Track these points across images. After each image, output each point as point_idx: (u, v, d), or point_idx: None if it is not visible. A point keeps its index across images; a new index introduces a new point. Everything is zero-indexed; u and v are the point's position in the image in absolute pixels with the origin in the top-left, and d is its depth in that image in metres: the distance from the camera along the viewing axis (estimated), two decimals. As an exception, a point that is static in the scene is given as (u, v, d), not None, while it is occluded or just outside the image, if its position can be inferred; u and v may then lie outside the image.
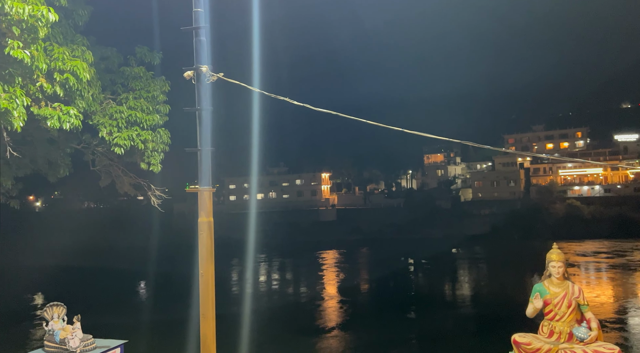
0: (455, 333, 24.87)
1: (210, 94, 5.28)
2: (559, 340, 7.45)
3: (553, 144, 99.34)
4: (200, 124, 5.26)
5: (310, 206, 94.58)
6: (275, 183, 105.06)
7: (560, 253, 7.98)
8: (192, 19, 5.12)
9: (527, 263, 42.56)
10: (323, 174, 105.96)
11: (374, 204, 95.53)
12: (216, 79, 5.36)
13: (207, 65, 5.27)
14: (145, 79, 10.66)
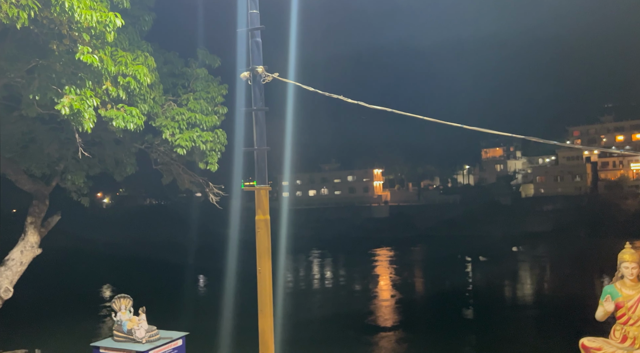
0: (516, 336, 23.90)
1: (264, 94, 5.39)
2: (633, 346, 7.03)
3: (624, 136, 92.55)
4: (256, 123, 5.38)
5: (362, 202, 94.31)
6: (327, 180, 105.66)
7: (634, 253, 7.50)
8: (247, 21, 5.24)
9: (595, 263, 40.14)
10: (375, 171, 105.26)
11: (429, 201, 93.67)
12: (271, 79, 5.46)
13: (262, 65, 5.38)
14: (205, 81, 11.06)
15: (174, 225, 75.60)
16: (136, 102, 8.86)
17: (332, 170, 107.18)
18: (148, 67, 8.67)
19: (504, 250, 55.93)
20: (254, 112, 5.37)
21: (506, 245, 57.95)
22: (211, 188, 12.20)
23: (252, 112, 5.28)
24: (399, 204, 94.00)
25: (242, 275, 28.35)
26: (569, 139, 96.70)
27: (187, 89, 10.99)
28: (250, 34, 5.26)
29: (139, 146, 11.69)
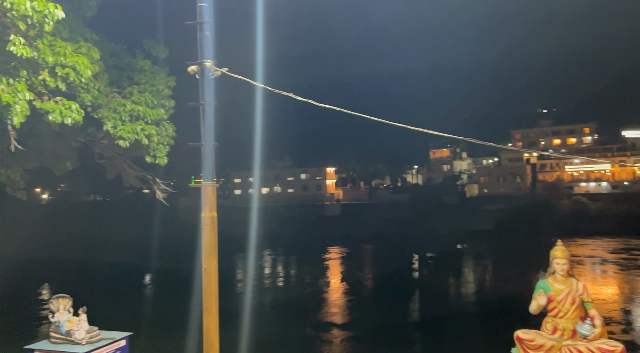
0: (459, 330, 24.90)
1: (213, 89, 5.30)
2: (562, 337, 7.45)
3: (560, 140, 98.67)
4: (203, 119, 5.29)
5: (315, 200, 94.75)
6: (280, 177, 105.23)
7: (565, 250, 7.95)
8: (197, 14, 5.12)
9: (533, 260, 42.43)
10: (328, 169, 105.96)
11: (379, 199, 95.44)
12: (220, 74, 5.38)
13: (212, 60, 5.28)
14: (150, 73, 10.70)
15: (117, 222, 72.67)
16: (77, 94, 8.43)
17: (285, 168, 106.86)
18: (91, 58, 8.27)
19: (450, 247, 57.97)
20: (202, 106, 5.27)
21: (452, 242, 60.08)
22: (158, 183, 11.84)
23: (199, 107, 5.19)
24: (351, 203, 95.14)
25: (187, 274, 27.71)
26: (511, 141, 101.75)
27: (133, 81, 10.60)
28: (199, 28, 5.16)
29: (82, 139, 11.15)
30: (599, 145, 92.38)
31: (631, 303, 30.40)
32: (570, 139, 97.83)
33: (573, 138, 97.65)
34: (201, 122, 5.28)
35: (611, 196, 77.07)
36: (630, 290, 34.88)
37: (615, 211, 70.57)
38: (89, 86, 8.46)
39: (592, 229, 65.26)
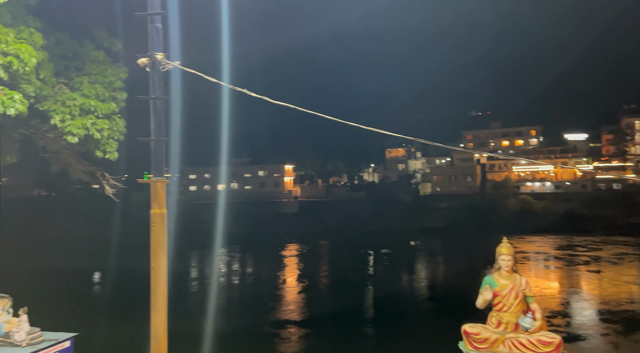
0: (411, 324, 25.54)
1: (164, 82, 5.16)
2: (506, 330, 7.79)
3: (509, 142, 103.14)
4: (154, 112, 5.14)
5: (272, 197, 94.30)
6: (237, 174, 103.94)
7: (510, 247, 8.32)
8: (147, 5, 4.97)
9: (482, 256, 44.16)
10: (286, 166, 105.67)
11: (337, 197, 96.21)
12: (172, 67, 5.25)
13: (162, 52, 5.14)
14: (103, 64, 10.26)
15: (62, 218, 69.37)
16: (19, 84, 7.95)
17: (243, 164, 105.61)
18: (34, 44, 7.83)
19: (404, 244, 59.30)
20: (152, 100, 5.12)
21: (406, 239, 61.46)
22: (108, 178, 11.39)
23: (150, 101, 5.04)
24: (309, 200, 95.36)
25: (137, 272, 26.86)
26: (463, 142, 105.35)
27: (82, 72, 10.12)
28: (150, 19, 5.00)
29: (24, 132, 10.56)
30: (544, 147, 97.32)
31: (570, 297, 32.28)
32: (518, 140, 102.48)
33: (520, 140, 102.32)
34: (151, 117, 5.13)
35: (554, 196, 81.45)
36: (570, 284, 37.03)
37: (558, 210, 74.64)
38: (29, 76, 7.99)
39: (537, 227, 68.64)
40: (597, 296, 32.30)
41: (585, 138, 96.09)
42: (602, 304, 29.73)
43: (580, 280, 38.69)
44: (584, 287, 36.10)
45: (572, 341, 22.81)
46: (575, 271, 41.49)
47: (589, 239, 59.72)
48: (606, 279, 38.03)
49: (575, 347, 21.87)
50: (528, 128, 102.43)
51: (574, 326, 25.67)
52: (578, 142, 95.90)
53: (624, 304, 29.76)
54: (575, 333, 24.27)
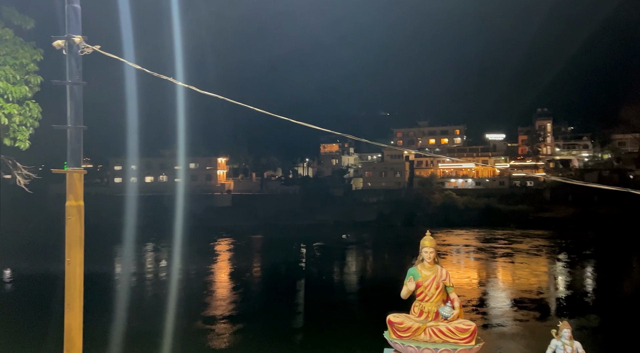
0: (341, 315, 26.12)
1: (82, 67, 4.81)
2: (427, 319, 8.20)
3: (435, 140, 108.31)
4: (71, 99, 4.77)
5: (204, 191, 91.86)
6: (167, 166, 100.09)
7: (432, 239, 8.74)
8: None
9: (408, 249, 46.13)
10: (219, 159, 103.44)
11: (271, 191, 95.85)
12: (92, 51, 4.91)
13: (81, 35, 4.78)
14: (12, 44, 9.36)
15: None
16: None
17: (173, 156, 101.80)
18: None
19: (335, 237, 60.41)
20: (69, 86, 4.76)
21: (337, 232, 62.65)
22: (19, 169, 10.47)
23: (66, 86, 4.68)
24: (242, 194, 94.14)
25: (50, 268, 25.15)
26: (393, 139, 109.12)
27: (-13, 51, 9.19)
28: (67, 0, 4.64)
29: None
30: (467, 146, 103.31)
31: (487, 287, 34.65)
32: (444, 139, 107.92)
33: (446, 138, 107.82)
34: (68, 103, 4.77)
35: (475, 192, 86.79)
36: (487, 275, 39.71)
37: (478, 204, 79.67)
38: None
39: (459, 221, 72.84)
40: (515, 285, 34.94)
41: (503, 138, 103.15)
42: (520, 292, 32.22)
43: (499, 270, 41.64)
44: (502, 277, 38.89)
45: (491, 327, 24.52)
46: (490, 264, 44.57)
47: (506, 232, 64.37)
48: (522, 269, 41.23)
49: (494, 332, 23.52)
50: (453, 127, 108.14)
51: (493, 313, 27.59)
52: (497, 142, 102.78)
53: (540, 292, 32.47)
54: (495, 320, 26.10)
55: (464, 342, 7.66)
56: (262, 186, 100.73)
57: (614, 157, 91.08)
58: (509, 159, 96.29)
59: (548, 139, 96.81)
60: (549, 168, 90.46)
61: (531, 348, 20.62)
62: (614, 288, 34.17)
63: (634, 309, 27.57)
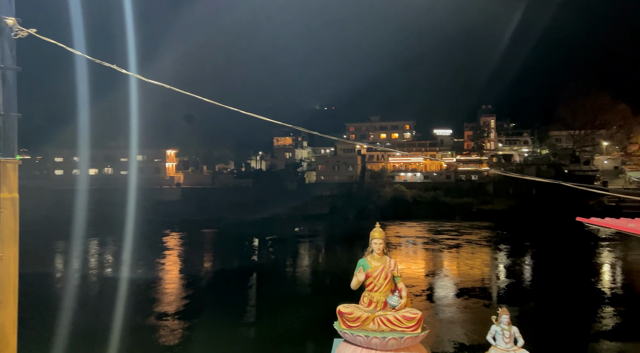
0: (291, 310, 26.21)
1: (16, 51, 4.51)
2: (376, 309, 8.41)
3: (386, 134, 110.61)
4: (3, 85, 4.47)
5: (152, 184, 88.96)
6: (112, 158, 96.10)
7: (382, 231, 8.96)
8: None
9: (360, 241, 46.87)
10: (168, 151, 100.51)
11: (223, 184, 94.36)
12: (27, 34, 4.61)
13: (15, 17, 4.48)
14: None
15: None
16: None
17: (118, 148, 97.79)
18: None
19: (288, 230, 60.46)
20: (1, 71, 4.45)
21: (290, 226, 62.71)
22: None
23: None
24: (193, 187, 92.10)
25: None
26: (346, 133, 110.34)
27: None
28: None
29: None
30: (416, 140, 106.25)
31: (434, 276, 35.94)
32: (394, 134, 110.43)
33: (396, 133, 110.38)
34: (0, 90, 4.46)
35: (423, 185, 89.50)
36: (434, 265, 41.16)
37: (426, 197, 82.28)
38: None
39: (408, 213, 74.95)
40: (460, 275, 36.42)
41: (450, 133, 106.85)
42: (465, 281, 33.62)
43: (446, 260, 43.26)
44: (449, 267, 40.42)
45: (438, 315, 25.49)
46: (437, 254, 46.25)
47: (452, 224, 66.91)
48: (467, 259, 43.05)
49: (441, 320, 24.46)
50: (403, 123, 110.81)
51: (440, 301, 28.67)
52: (445, 137, 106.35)
53: (483, 281, 34.05)
54: (442, 308, 27.14)
55: (411, 330, 7.93)
56: (214, 179, 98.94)
57: (550, 152, 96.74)
58: (455, 153, 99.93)
59: (492, 135, 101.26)
60: (492, 162, 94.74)
61: (474, 333, 21.65)
62: (549, 276, 36.46)
63: (566, 295, 29.58)
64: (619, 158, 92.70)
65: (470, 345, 20.27)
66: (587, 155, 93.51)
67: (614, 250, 46.98)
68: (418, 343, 8.25)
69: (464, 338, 21.61)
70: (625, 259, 42.68)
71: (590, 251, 46.25)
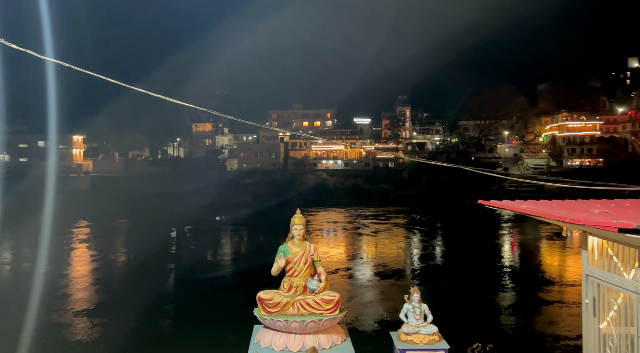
0: (211, 300, 25.85)
1: None
2: (296, 293, 8.61)
3: (308, 122, 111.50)
4: None
5: (58, 172, 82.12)
6: (9, 144, 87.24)
7: (302, 217, 9.15)
8: None
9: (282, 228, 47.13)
10: (75, 137, 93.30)
11: (137, 172, 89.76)
12: None
13: None
14: None
15: None
16: None
17: (17, 133, 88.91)
18: None
19: (209, 219, 59.15)
20: None
21: (211, 215, 61.38)
22: None
23: None
24: (104, 175, 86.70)
25: None
26: (269, 121, 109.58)
27: None
28: None
29: None
30: (337, 129, 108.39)
31: (353, 259, 37.25)
32: (316, 122, 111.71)
33: (318, 121, 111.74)
34: None
35: (344, 172, 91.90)
36: (353, 249, 42.64)
37: (347, 184, 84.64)
38: None
39: (330, 200, 76.65)
40: (378, 258, 38.06)
41: (369, 122, 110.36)
42: (382, 263, 35.20)
43: (365, 244, 44.96)
44: (367, 250, 42.06)
45: (358, 296, 26.50)
46: (357, 238, 47.97)
47: (370, 210, 69.55)
48: (384, 243, 45.07)
49: (359, 301, 25.46)
50: (325, 111, 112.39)
51: (360, 284, 29.80)
52: (364, 125, 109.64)
53: (399, 262, 35.84)
54: (361, 289, 28.25)
55: (329, 312, 8.24)
56: (127, 166, 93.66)
57: (459, 141, 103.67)
58: (374, 141, 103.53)
59: (407, 124, 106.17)
60: (407, 150, 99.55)
61: (389, 312, 22.87)
62: (457, 256, 39.39)
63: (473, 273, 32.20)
64: (518, 146, 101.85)
65: (386, 322, 21.41)
66: (491, 143, 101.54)
67: (512, 230, 51.87)
68: (336, 325, 8.60)
69: (379, 316, 22.76)
70: (523, 238, 47.31)
71: (494, 232, 50.65)
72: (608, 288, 6.73)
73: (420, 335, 8.44)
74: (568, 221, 5.90)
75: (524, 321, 22.47)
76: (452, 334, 9.43)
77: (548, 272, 32.50)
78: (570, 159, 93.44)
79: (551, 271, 33.10)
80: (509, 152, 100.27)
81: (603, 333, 6.91)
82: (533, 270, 33.09)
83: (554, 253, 39.64)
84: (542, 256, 38.87)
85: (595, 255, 7.06)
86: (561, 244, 42.69)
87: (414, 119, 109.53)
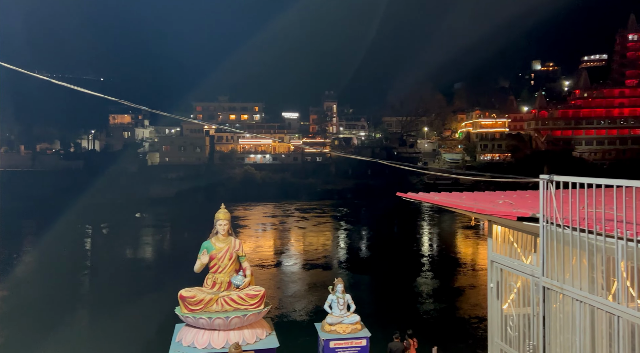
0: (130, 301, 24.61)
1: None
2: (220, 290, 8.43)
3: (235, 115, 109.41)
4: None
5: (-51, 167, 73.57)
6: None
7: (227, 212, 8.96)
8: None
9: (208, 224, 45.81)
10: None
11: (46, 166, 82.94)
12: None
13: None
14: None
15: None
16: None
17: None
18: None
19: (128, 216, 56.21)
20: None
21: (130, 211, 58.35)
22: None
23: None
24: (7, 170, 78.99)
25: None
26: (193, 113, 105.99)
27: None
28: None
29: None
30: (265, 123, 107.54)
31: (282, 253, 37.31)
32: (244, 115, 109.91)
33: (246, 115, 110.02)
34: None
35: (272, 167, 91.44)
36: (282, 243, 42.69)
37: (275, 179, 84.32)
38: None
39: (258, 195, 75.90)
40: (305, 251, 38.37)
41: (297, 116, 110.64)
42: (309, 256, 35.57)
43: (292, 238, 45.14)
44: (295, 244, 42.27)
45: (284, 289, 26.57)
46: (289, 231, 48.10)
47: (299, 203, 69.93)
48: (312, 236, 45.54)
49: (286, 294, 25.55)
50: (252, 104, 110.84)
51: (287, 277, 29.88)
52: (292, 120, 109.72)
53: (325, 255, 36.40)
54: (288, 283, 28.34)
55: (254, 307, 8.17)
56: (35, 161, 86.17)
57: (383, 136, 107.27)
58: (302, 136, 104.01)
59: (334, 120, 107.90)
60: (334, 145, 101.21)
61: (314, 304, 23.23)
62: (381, 246, 40.88)
63: (394, 262, 33.60)
64: (437, 141, 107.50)
65: (312, 313, 21.72)
66: (412, 139, 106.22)
67: (431, 221, 54.79)
68: (261, 319, 8.56)
69: (305, 308, 23.05)
70: (441, 228, 50.15)
71: (415, 223, 53.16)
72: (510, 273, 7.34)
73: (344, 324, 8.65)
74: (475, 211, 6.35)
75: (444, 306, 23.89)
76: (375, 322, 9.77)
77: (463, 259, 34.81)
78: (482, 154, 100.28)
79: (466, 258, 35.48)
80: (428, 147, 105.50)
81: (505, 314, 7.54)
82: (450, 257, 35.25)
83: (467, 242, 42.49)
84: (458, 244, 41.53)
85: (499, 242, 7.67)
86: (474, 233, 45.90)
87: (341, 114, 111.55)
